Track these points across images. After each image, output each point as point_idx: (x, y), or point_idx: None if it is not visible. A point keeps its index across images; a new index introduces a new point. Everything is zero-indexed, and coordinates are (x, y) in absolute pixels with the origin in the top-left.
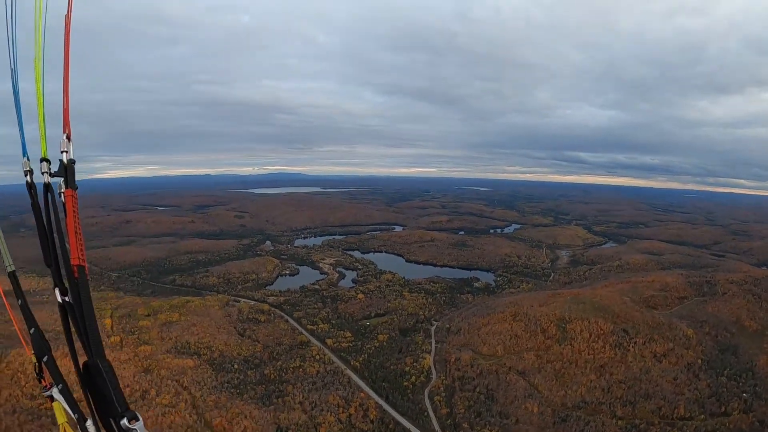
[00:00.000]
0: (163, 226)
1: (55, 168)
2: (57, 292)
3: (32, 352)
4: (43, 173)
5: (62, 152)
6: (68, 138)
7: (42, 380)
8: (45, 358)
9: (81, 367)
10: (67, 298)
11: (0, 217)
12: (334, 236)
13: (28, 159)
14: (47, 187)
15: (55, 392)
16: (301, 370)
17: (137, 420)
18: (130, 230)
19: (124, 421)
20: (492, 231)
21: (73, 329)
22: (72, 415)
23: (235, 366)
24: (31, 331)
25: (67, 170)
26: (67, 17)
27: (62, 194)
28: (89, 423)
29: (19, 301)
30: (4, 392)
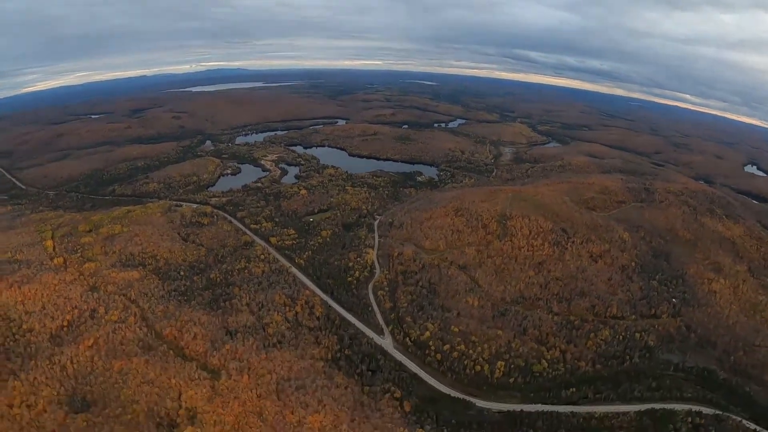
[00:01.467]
0: (97, 135)
1: None
2: None
3: None
4: None
5: None
6: None
7: None
8: None
9: None
10: None
11: None
12: (275, 132)
13: None
14: None
15: None
16: (246, 271)
17: None
18: (64, 143)
19: None
20: (436, 125)
21: None
22: None
23: (181, 273)
24: None
25: None
26: None
27: None
28: None
29: None
30: None
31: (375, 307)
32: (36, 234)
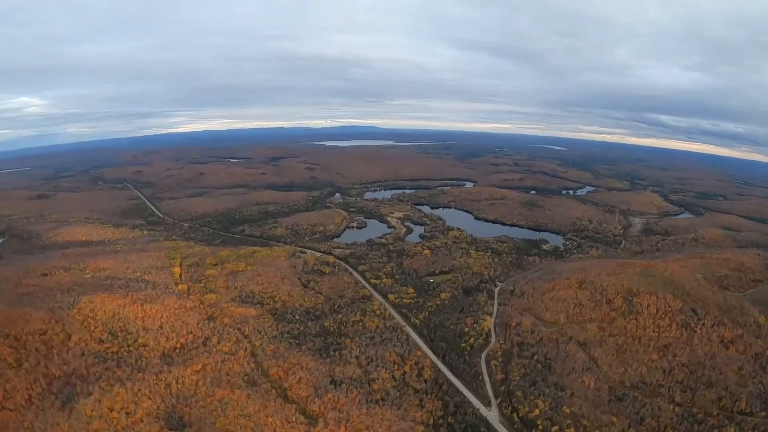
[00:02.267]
0: (235, 177)
1: None
2: None
3: None
4: None
5: None
6: None
7: None
8: None
9: None
10: None
11: (81, 171)
12: (404, 190)
13: None
14: None
15: None
16: (360, 324)
17: None
18: (203, 182)
19: None
20: (564, 192)
21: None
22: None
23: (296, 317)
24: None
25: None
26: None
27: None
28: None
29: None
30: (74, 336)
31: (485, 377)
32: (166, 259)
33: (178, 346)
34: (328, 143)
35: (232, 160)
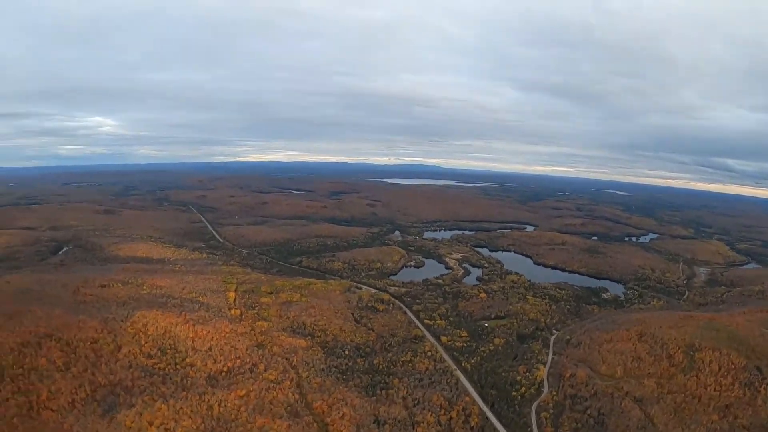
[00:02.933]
0: (296, 209)
1: None
2: None
3: None
4: None
5: None
6: None
7: None
8: None
9: None
10: None
11: (147, 190)
12: (463, 231)
13: None
14: None
15: None
16: (410, 364)
17: None
18: (265, 211)
19: None
20: (627, 239)
21: None
22: None
23: (346, 352)
24: None
25: None
26: None
27: None
28: None
29: None
30: (124, 348)
31: (534, 429)
32: (222, 283)
33: (225, 369)
34: (390, 180)
35: (294, 192)
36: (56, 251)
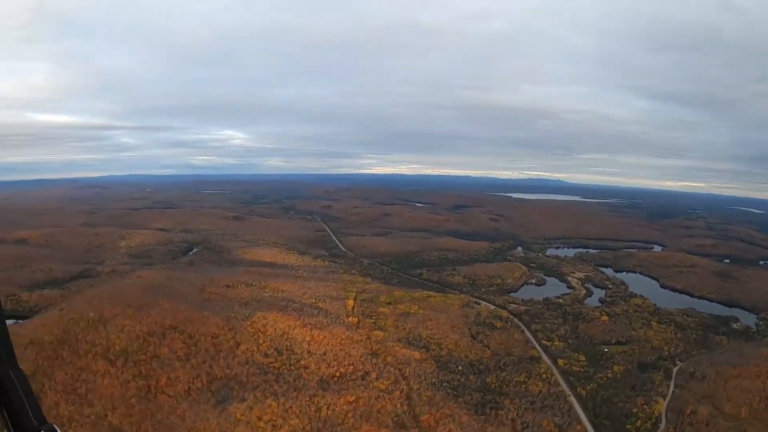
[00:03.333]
0: (419, 221)
1: None
2: None
3: None
4: None
5: None
6: None
7: None
8: None
9: None
10: None
11: (274, 200)
12: (587, 249)
13: None
14: None
15: None
16: (523, 386)
17: None
18: (387, 222)
19: None
20: (762, 263)
21: None
22: None
23: (459, 367)
24: None
25: None
26: None
27: None
28: None
29: None
30: (243, 346)
31: None
32: (342, 291)
33: (337, 374)
34: (514, 195)
35: (417, 205)
36: (187, 252)
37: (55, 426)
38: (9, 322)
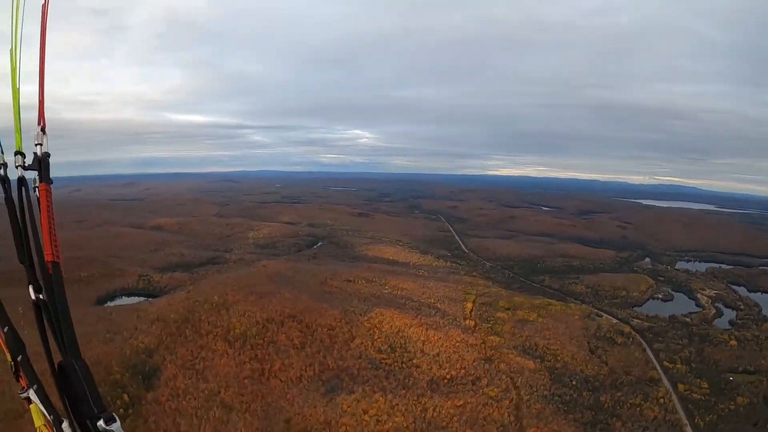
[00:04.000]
0: (544, 225)
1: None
2: (31, 289)
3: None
4: (17, 167)
5: (36, 145)
6: (43, 131)
7: (20, 380)
8: (19, 358)
9: (56, 367)
10: (41, 296)
11: (400, 198)
12: (720, 265)
13: (2, 152)
14: (21, 181)
15: (31, 393)
16: (638, 409)
17: (114, 421)
18: (512, 225)
19: (101, 423)
20: None
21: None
22: (48, 417)
23: (573, 382)
24: (5, 329)
25: (41, 163)
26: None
27: (36, 189)
28: (65, 425)
29: None
30: (357, 339)
31: None
32: (461, 293)
33: (448, 377)
34: (644, 201)
35: (543, 208)
36: (311, 245)
37: (114, 414)
38: (140, 299)
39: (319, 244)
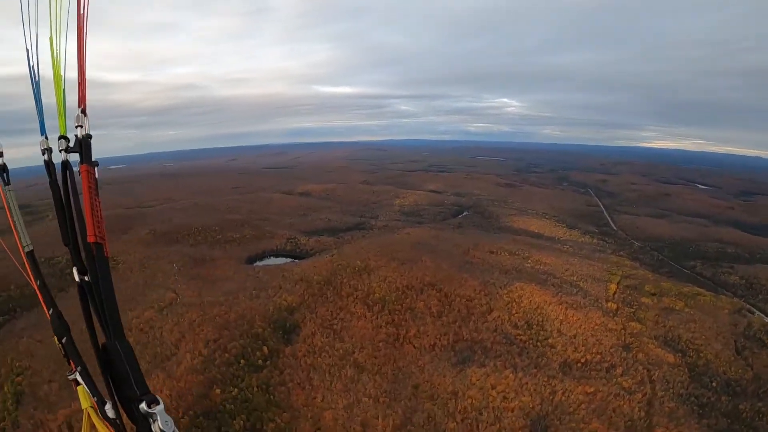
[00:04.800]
0: (699, 205)
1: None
2: (75, 271)
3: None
4: (60, 151)
5: (77, 127)
6: (84, 113)
7: (70, 362)
8: (64, 339)
9: (100, 348)
10: (86, 278)
11: (549, 169)
12: None
13: (47, 138)
14: (65, 164)
15: (78, 375)
16: None
17: (158, 404)
18: (666, 203)
19: (143, 405)
20: None
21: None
22: (93, 399)
23: (713, 383)
24: (50, 311)
25: (82, 145)
26: None
27: (79, 171)
28: (108, 406)
29: (37, 282)
30: (495, 313)
31: None
32: (606, 273)
33: (582, 360)
34: None
35: (699, 186)
36: (456, 214)
37: (157, 396)
38: (286, 260)
39: (464, 213)
